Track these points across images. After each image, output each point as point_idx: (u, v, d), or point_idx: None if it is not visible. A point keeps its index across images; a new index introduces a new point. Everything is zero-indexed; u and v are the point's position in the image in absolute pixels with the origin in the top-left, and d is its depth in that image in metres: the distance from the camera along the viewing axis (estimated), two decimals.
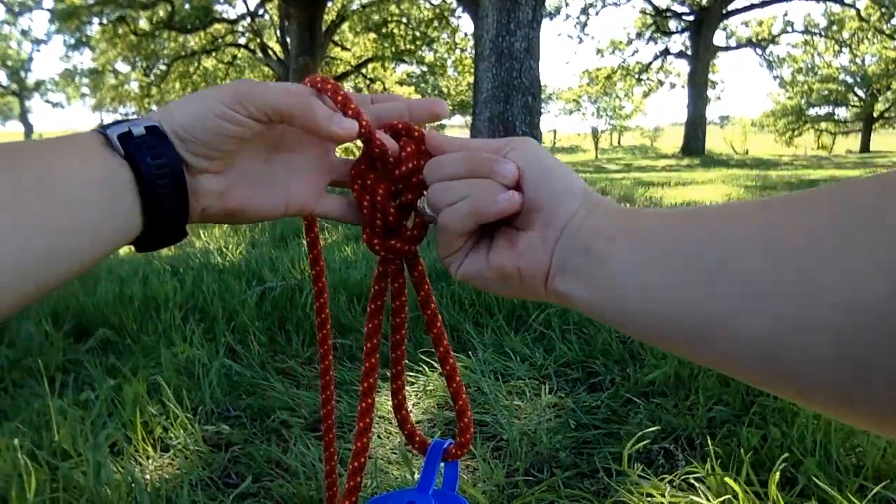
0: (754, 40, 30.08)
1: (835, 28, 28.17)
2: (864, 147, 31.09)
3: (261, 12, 21.45)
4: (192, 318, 2.47)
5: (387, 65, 24.22)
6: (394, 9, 20.94)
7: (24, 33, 32.90)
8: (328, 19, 18.99)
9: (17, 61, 36.56)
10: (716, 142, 33.42)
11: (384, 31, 21.52)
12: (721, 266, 0.34)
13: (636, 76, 31.19)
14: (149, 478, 1.51)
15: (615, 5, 26.71)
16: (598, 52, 30.42)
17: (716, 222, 0.37)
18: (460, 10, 18.70)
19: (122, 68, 24.36)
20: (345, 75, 22.32)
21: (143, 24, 20.40)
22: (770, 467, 1.34)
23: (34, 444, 1.57)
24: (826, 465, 1.38)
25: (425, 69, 24.87)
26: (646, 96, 34.08)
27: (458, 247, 0.48)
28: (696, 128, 23.96)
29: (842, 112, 35.15)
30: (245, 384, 1.99)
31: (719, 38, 28.80)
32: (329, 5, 18.87)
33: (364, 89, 22.23)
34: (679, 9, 26.51)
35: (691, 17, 25.59)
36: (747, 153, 29.56)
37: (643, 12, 28.01)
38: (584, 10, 26.86)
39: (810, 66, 32.77)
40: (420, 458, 0.54)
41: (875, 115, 32.11)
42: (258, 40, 21.42)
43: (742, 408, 1.66)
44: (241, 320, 2.40)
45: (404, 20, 21.53)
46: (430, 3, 20.84)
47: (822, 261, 0.29)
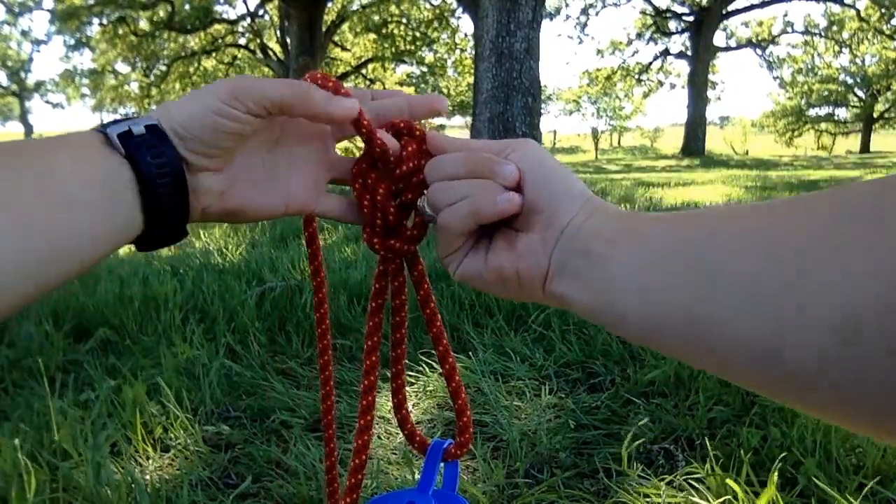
0: (754, 41, 30.10)
1: (835, 28, 28.18)
2: (864, 147, 31.09)
3: (261, 13, 21.46)
4: (192, 318, 2.47)
5: (387, 65, 24.23)
6: (394, 9, 20.95)
7: (24, 34, 32.94)
8: (328, 20, 19.00)
9: (17, 62, 36.59)
10: (716, 142, 33.44)
11: (384, 31, 21.53)
12: (721, 267, 0.34)
13: (636, 77, 31.20)
14: (149, 478, 1.51)
15: (615, 6, 26.73)
16: (598, 52, 30.43)
17: (716, 224, 0.37)
18: (460, 10, 18.70)
19: (122, 69, 24.39)
20: (345, 76, 22.32)
21: (143, 25, 20.41)
22: (770, 468, 1.33)
23: (34, 444, 1.57)
24: (826, 465, 1.38)
25: (425, 70, 24.87)
26: (646, 97, 34.10)
27: (458, 247, 0.48)
28: (696, 128, 23.97)
29: (842, 113, 35.17)
30: (245, 385, 1.99)
31: (719, 39, 28.83)
32: (329, 6, 18.87)
33: None
34: (679, 9, 26.53)
35: (691, 18, 25.60)
36: (747, 154, 29.58)
37: (643, 13, 28.03)
38: (584, 11, 26.88)
39: (810, 67, 32.79)
40: (420, 458, 0.54)
41: (875, 116, 32.12)
42: (258, 41, 21.43)
43: (742, 408, 1.66)
44: (241, 321, 2.40)
45: (404, 21, 21.53)
46: (431, 4, 20.84)
47: (822, 261, 0.29)
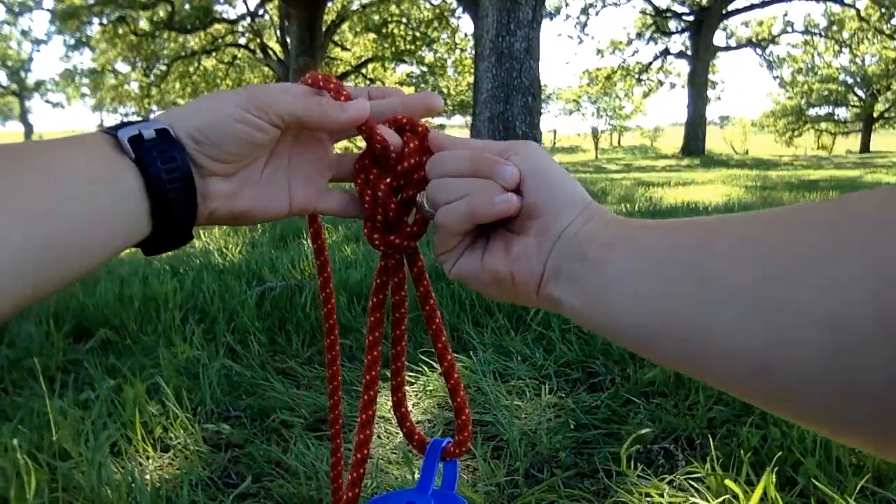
0: (754, 40, 30.10)
1: (835, 28, 28.19)
2: (864, 147, 31.09)
3: (261, 12, 21.47)
4: (192, 318, 2.47)
5: (387, 65, 24.23)
6: (394, 9, 20.96)
7: (24, 33, 32.93)
8: (328, 19, 19.00)
9: (18, 61, 36.58)
10: (716, 142, 33.43)
11: (384, 31, 21.53)
12: (718, 276, 0.34)
13: (636, 76, 31.21)
14: (149, 478, 1.51)
15: (615, 5, 26.73)
16: (598, 52, 30.43)
17: (714, 233, 0.36)
18: (460, 10, 18.70)
19: (122, 68, 24.41)
20: (345, 75, 22.32)
21: (144, 25, 20.42)
22: (770, 468, 1.34)
23: (34, 444, 1.57)
24: (826, 465, 1.38)
25: (425, 69, 24.87)
26: (646, 96, 34.11)
27: (454, 245, 0.48)
28: (696, 128, 23.97)
29: (842, 112, 35.17)
30: (245, 384, 1.99)
31: (719, 39, 28.83)
32: (329, 5, 18.87)
33: None
34: (679, 9, 26.53)
35: (691, 18, 25.60)
36: (747, 153, 29.58)
37: (643, 12, 28.03)
38: (584, 11, 26.89)
39: (810, 67, 32.79)
40: (420, 458, 0.54)
41: (875, 116, 32.12)
42: (258, 40, 21.43)
43: (742, 408, 1.66)
44: (241, 320, 2.40)
45: (404, 20, 21.54)
46: (430, 4, 20.84)
47: (810, 276, 0.29)
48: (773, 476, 1.28)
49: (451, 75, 25.30)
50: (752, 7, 24.88)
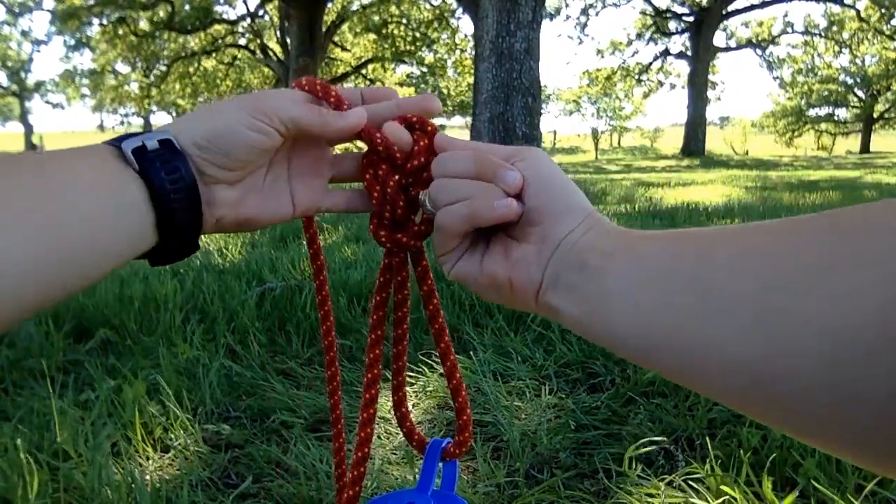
0: (754, 41, 30.11)
1: (835, 29, 28.21)
2: (864, 148, 31.10)
3: (261, 13, 21.47)
4: (192, 318, 2.47)
5: (387, 66, 24.25)
6: (394, 10, 20.96)
7: (24, 34, 32.97)
8: (328, 20, 19.01)
9: (18, 62, 36.60)
10: (716, 142, 33.46)
11: (384, 31, 21.54)
12: (718, 286, 0.34)
13: (636, 77, 31.22)
14: (149, 478, 1.51)
15: (615, 6, 26.74)
16: (598, 52, 30.45)
17: (713, 244, 0.36)
18: (460, 10, 18.71)
19: (123, 69, 24.44)
20: (345, 76, 22.34)
21: (144, 25, 20.43)
22: (770, 468, 1.34)
23: (34, 444, 1.57)
24: (826, 465, 1.38)
25: (425, 70, 24.90)
26: (646, 97, 34.14)
27: (453, 247, 0.47)
28: (696, 128, 23.99)
29: (842, 113, 35.18)
30: (245, 385, 1.99)
31: (719, 39, 28.85)
32: (329, 6, 18.88)
33: None
34: (679, 9, 26.53)
35: (691, 18, 25.61)
36: (747, 154, 29.60)
37: (643, 13, 28.04)
38: (584, 11, 26.89)
39: (810, 67, 32.81)
40: (421, 459, 0.54)
41: (875, 116, 32.13)
42: (258, 41, 21.44)
43: None
44: (241, 321, 2.40)
45: (404, 21, 21.54)
46: (430, 4, 20.85)
47: (818, 286, 0.29)
48: (774, 476, 1.28)
49: (451, 76, 25.32)
50: (751, 7, 24.89)
